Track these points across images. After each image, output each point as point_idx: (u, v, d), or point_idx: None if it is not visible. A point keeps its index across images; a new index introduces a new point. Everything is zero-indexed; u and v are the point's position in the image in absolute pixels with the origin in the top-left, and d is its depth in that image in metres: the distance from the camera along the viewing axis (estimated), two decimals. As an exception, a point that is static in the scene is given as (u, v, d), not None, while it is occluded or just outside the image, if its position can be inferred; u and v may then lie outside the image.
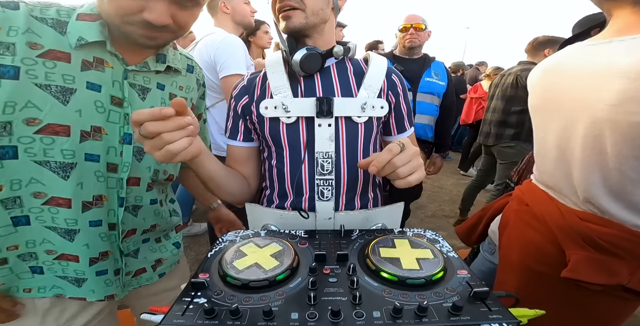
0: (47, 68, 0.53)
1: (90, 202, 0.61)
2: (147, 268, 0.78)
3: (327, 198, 0.68)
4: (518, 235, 0.79)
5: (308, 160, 0.68)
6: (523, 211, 0.80)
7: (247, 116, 0.72)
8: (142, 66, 0.63)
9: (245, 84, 0.73)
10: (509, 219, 0.84)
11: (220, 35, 1.43)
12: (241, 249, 0.52)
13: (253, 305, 0.40)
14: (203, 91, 0.84)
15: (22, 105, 0.52)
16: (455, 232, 1.07)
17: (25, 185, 0.56)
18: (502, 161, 2.28)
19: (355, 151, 0.70)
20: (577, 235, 0.66)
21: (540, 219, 0.74)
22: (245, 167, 0.77)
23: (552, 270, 0.68)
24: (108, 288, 0.68)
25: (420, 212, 3.04)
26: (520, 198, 0.83)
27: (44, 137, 0.54)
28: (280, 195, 0.73)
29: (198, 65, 0.80)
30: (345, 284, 0.44)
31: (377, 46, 3.49)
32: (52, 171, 0.57)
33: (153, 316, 0.42)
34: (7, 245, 0.58)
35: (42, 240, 0.60)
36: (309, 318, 0.37)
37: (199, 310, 0.39)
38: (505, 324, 0.36)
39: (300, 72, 0.66)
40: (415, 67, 1.75)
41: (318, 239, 0.58)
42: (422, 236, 0.58)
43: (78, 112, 0.56)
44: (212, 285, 0.45)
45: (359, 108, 0.67)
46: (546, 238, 0.72)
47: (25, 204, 0.57)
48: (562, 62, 0.71)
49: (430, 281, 0.44)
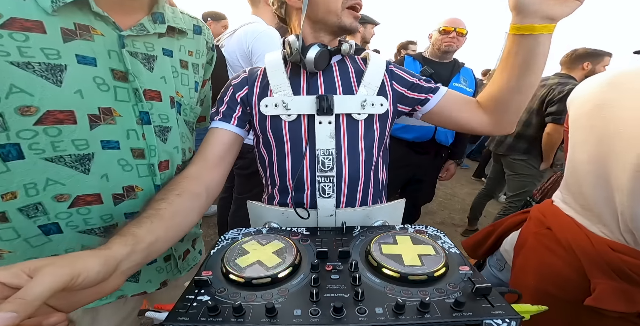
0: (18, 41, 0.43)
1: (121, 194, 0.55)
2: (190, 248, 0.76)
3: (329, 195, 0.68)
4: (536, 258, 0.77)
5: (309, 157, 0.69)
6: (544, 234, 0.78)
7: (247, 107, 0.71)
8: (139, 29, 0.53)
9: (247, 76, 0.73)
10: (526, 240, 0.82)
11: (261, 27, 1.42)
12: (243, 247, 0.52)
13: (256, 302, 0.40)
14: (212, 56, 0.75)
15: (6, 91, 0.42)
16: (462, 244, 1.04)
17: (43, 188, 0.48)
18: (511, 173, 2.23)
19: (357, 148, 0.70)
20: (605, 265, 0.65)
21: (565, 245, 0.72)
22: (223, 157, 0.69)
23: (571, 296, 0.67)
24: (160, 275, 0.67)
25: (429, 218, 3.00)
26: (541, 221, 0.80)
27: (47, 128, 0.46)
28: (281, 190, 0.73)
29: (205, 26, 0.70)
30: (347, 281, 0.44)
31: (408, 46, 3.46)
32: (69, 166, 0.49)
33: (157, 314, 0.42)
34: (45, 255, 0.52)
35: (82, 248, 0.54)
36: (312, 315, 0.37)
37: (202, 307, 0.39)
38: (508, 320, 0.36)
39: (313, 69, 0.66)
40: (444, 72, 1.70)
41: (320, 236, 0.58)
42: (423, 232, 0.58)
43: (78, 92, 0.47)
44: (215, 282, 0.45)
45: (358, 106, 0.67)
46: (569, 264, 0.70)
47: (49, 211, 0.50)
48: (633, 75, 0.64)
49: (432, 277, 0.44)
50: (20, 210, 0.48)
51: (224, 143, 0.69)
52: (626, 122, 0.60)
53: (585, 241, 0.68)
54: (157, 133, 0.57)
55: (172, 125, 0.61)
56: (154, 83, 0.57)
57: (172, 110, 0.61)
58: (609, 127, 0.64)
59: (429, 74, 1.64)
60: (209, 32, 0.72)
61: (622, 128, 0.61)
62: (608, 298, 0.63)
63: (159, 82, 0.58)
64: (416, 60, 1.74)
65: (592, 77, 0.73)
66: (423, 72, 1.66)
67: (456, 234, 2.76)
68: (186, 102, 0.65)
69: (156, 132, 0.57)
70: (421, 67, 1.69)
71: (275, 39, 1.41)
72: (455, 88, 1.70)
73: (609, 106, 0.65)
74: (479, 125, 0.72)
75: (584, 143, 0.70)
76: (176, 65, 0.61)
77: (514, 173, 2.20)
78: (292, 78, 0.69)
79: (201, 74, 0.70)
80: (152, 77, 0.56)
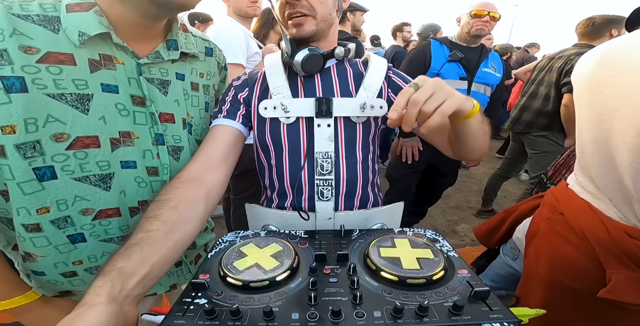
0: (53, 74, 0.47)
1: (137, 208, 0.60)
2: (201, 253, 0.80)
3: (327, 198, 0.68)
4: (548, 246, 0.72)
5: (308, 160, 0.68)
6: (556, 220, 0.72)
7: (249, 107, 0.71)
8: (155, 57, 0.57)
9: (247, 78, 0.73)
10: (538, 228, 0.76)
11: (219, 24, 1.44)
12: (241, 249, 0.52)
13: (253, 306, 0.40)
14: (225, 75, 0.79)
15: (43, 121, 0.47)
16: (474, 232, 1.00)
17: (72, 204, 0.54)
18: (533, 151, 2.09)
19: (354, 151, 0.70)
20: (621, 253, 0.60)
21: (579, 232, 0.66)
22: (228, 154, 0.66)
23: (586, 287, 0.63)
24: (170, 279, 0.70)
25: (442, 202, 2.70)
26: (554, 206, 0.75)
27: (77, 152, 0.51)
28: (279, 195, 0.73)
29: (217, 47, 0.74)
30: (345, 284, 0.44)
31: (403, 28, 3.42)
32: (94, 185, 0.54)
33: (154, 317, 0.42)
34: (71, 260, 0.58)
35: (102, 254, 0.60)
36: (310, 318, 0.37)
37: (199, 310, 0.39)
38: (506, 323, 0.36)
39: (301, 72, 0.66)
40: (473, 56, 1.66)
41: (318, 239, 0.58)
42: (422, 235, 0.58)
43: (102, 119, 0.52)
44: (212, 285, 0.45)
45: (358, 109, 0.67)
46: (583, 253, 0.65)
47: (76, 223, 0.55)
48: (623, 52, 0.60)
49: (431, 281, 0.44)
50: (52, 222, 0.53)
51: (228, 141, 0.66)
52: (621, 101, 0.58)
53: (600, 226, 0.63)
54: (170, 153, 0.62)
55: (184, 145, 0.65)
56: (168, 107, 0.61)
57: (184, 131, 0.65)
58: (608, 105, 0.61)
59: (458, 58, 1.62)
60: (220, 52, 0.76)
61: (619, 106, 0.58)
62: (624, 290, 0.58)
63: (172, 105, 0.62)
64: (443, 44, 1.69)
65: (587, 54, 0.70)
66: (452, 56, 1.62)
67: (473, 218, 2.62)
68: (197, 122, 0.69)
69: (169, 152, 0.61)
70: (449, 52, 1.65)
71: (231, 33, 1.39)
72: (484, 73, 1.68)
73: (605, 84, 0.62)
74: (447, 153, 0.74)
75: (588, 122, 0.67)
76: (187, 88, 0.65)
77: (536, 151, 2.07)
78: (290, 80, 0.69)
79: (212, 94, 0.74)
80: (167, 100, 0.60)
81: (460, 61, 1.63)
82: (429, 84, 0.48)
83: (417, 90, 0.48)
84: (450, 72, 1.65)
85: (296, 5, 0.62)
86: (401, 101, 0.48)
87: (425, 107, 0.47)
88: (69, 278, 0.60)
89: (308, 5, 0.62)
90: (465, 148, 0.65)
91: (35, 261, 0.56)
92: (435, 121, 0.47)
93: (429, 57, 1.66)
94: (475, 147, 0.64)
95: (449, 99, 0.48)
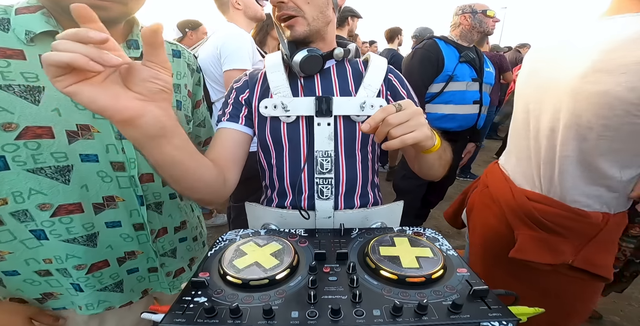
0: (1, 67, 0.48)
1: (101, 204, 0.59)
2: (185, 267, 0.78)
3: (327, 197, 0.68)
4: (480, 219, 0.79)
5: (307, 159, 0.68)
6: (484, 194, 0.79)
7: (250, 108, 0.71)
8: None
9: (248, 79, 0.73)
10: (474, 203, 0.83)
11: (228, 30, 1.43)
12: (241, 248, 0.52)
13: (253, 304, 0.40)
14: (199, 77, 0.80)
15: None
16: (443, 216, 1.07)
17: (27, 196, 0.53)
18: None
19: (354, 150, 0.70)
20: (524, 215, 0.66)
21: (496, 201, 0.74)
22: (236, 154, 0.68)
23: (506, 251, 0.68)
24: (141, 285, 0.70)
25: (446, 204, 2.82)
26: (483, 180, 0.82)
27: (27, 142, 0.51)
28: (279, 194, 0.73)
29: (186, 50, 0.75)
30: (345, 283, 0.44)
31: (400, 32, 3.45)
32: (50, 177, 0.53)
33: (154, 316, 0.42)
34: (41, 257, 0.57)
35: (66, 256, 0.58)
36: (309, 317, 0.37)
37: (199, 309, 0.39)
38: (505, 322, 0.36)
39: (300, 72, 0.66)
40: (475, 56, 1.67)
41: (318, 238, 0.58)
42: (421, 234, 0.58)
43: (55, 111, 0.52)
44: (212, 284, 0.45)
45: (358, 108, 0.67)
46: (501, 220, 0.72)
47: (35, 218, 0.54)
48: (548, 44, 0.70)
49: (430, 279, 0.44)
50: (12, 214, 0.53)
51: (234, 143, 0.68)
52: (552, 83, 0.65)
53: (509, 193, 0.70)
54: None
55: None
56: None
57: None
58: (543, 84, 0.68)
59: (470, 59, 1.62)
60: (190, 55, 0.76)
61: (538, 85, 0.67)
62: (530, 249, 0.64)
63: None
64: (449, 44, 1.66)
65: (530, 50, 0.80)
66: (464, 57, 1.62)
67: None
68: None
69: None
70: (457, 52, 1.64)
71: (241, 39, 1.39)
72: (487, 73, 1.68)
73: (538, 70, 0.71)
74: (411, 167, 0.75)
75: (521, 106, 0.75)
76: None
77: None
78: (290, 80, 0.69)
79: (184, 94, 0.73)
80: None
81: (471, 62, 1.62)
82: (409, 112, 0.51)
83: (397, 111, 0.51)
84: (464, 74, 1.63)
85: (282, 8, 0.63)
86: (378, 117, 0.50)
87: (393, 130, 0.50)
88: (45, 278, 0.59)
89: (294, 6, 0.62)
90: (421, 171, 0.70)
91: (4, 260, 0.55)
92: (394, 145, 0.50)
93: (442, 58, 1.62)
94: (430, 172, 0.69)
95: (416, 131, 0.51)
